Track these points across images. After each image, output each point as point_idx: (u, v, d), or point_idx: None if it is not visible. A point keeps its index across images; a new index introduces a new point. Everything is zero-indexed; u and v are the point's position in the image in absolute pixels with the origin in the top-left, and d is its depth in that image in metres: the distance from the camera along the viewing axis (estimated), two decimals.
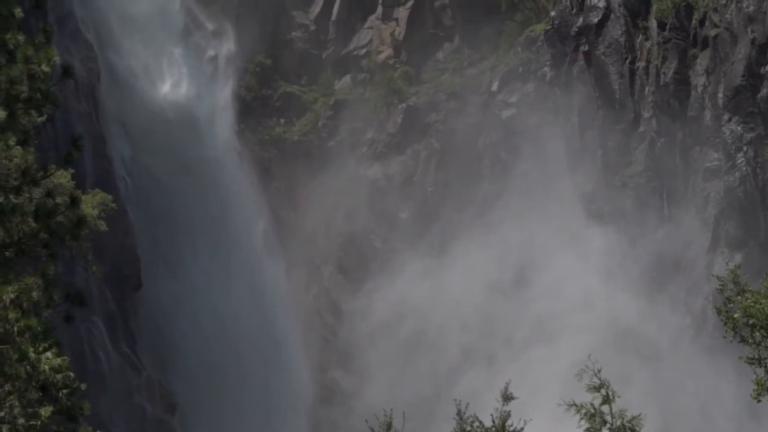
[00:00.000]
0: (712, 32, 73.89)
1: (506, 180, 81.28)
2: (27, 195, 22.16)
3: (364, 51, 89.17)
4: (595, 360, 19.45)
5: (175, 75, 78.93)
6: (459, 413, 20.76)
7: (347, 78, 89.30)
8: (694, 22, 75.35)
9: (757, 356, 22.32)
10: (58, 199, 22.67)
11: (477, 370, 75.18)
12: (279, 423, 75.85)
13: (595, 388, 19.49)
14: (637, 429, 19.70)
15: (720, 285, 22.87)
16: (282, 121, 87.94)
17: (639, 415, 19.68)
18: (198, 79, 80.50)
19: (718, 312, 22.70)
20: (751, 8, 71.89)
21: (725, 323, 22.52)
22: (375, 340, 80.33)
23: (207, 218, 76.53)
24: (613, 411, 19.57)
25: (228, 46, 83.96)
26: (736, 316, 22.40)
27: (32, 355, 21.19)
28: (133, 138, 74.64)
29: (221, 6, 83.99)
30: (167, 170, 75.20)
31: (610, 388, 19.57)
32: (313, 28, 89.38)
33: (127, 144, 74.33)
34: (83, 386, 22.70)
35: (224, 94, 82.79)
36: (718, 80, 73.18)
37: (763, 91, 71.91)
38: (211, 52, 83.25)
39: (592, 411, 19.55)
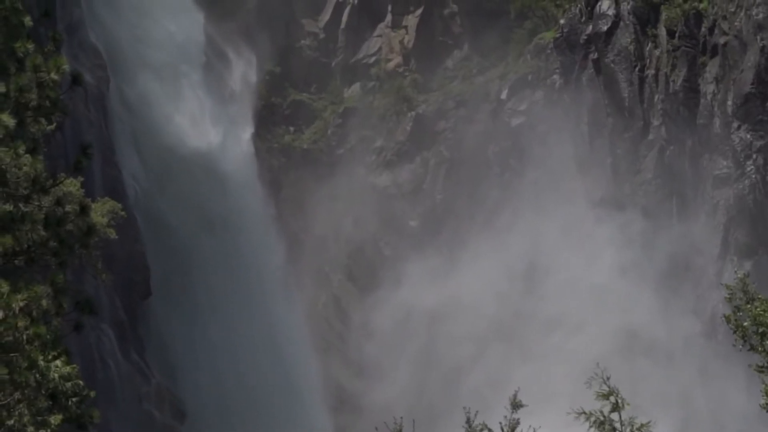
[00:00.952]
0: (722, 40, 73.76)
1: (515, 187, 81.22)
2: (36, 203, 22.19)
3: (373, 59, 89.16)
4: (604, 367, 19.40)
5: (197, 115, 78.25)
6: (468, 421, 20.73)
7: (356, 86, 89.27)
8: (703, 29, 75.26)
9: (766, 364, 22.24)
10: (68, 208, 22.72)
11: (487, 377, 75.08)
12: (288, 429, 75.76)
13: (604, 395, 19.43)
14: None
15: (729, 293, 22.81)
16: (291, 129, 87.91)
17: (648, 422, 19.62)
18: (221, 122, 79.89)
19: (727, 320, 22.63)
20: (761, 16, 71.77)
21: (734, 331, 22.46)
22: (384, 347, 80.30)
23: (220, 253, 76.36)
24: (623, 418, 19.50)
25: (247, 71, 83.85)
26: (745, 324, 22.33)
27: (42, 363, 21.19)
28: (150, 173, 74.20)
29: (237, 24, 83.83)
30: (184, 217, 74.83)
31: (619, 395, 19.50)
32: (322, 36, 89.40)
33: (136, 154, 74.09)
34: (92, 394, 22.70)
35: (246, 134, 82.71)
36: (727, 88, 73.04)
37: None
38: (232, 86, 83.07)
39: (602, 419, 19.48)
